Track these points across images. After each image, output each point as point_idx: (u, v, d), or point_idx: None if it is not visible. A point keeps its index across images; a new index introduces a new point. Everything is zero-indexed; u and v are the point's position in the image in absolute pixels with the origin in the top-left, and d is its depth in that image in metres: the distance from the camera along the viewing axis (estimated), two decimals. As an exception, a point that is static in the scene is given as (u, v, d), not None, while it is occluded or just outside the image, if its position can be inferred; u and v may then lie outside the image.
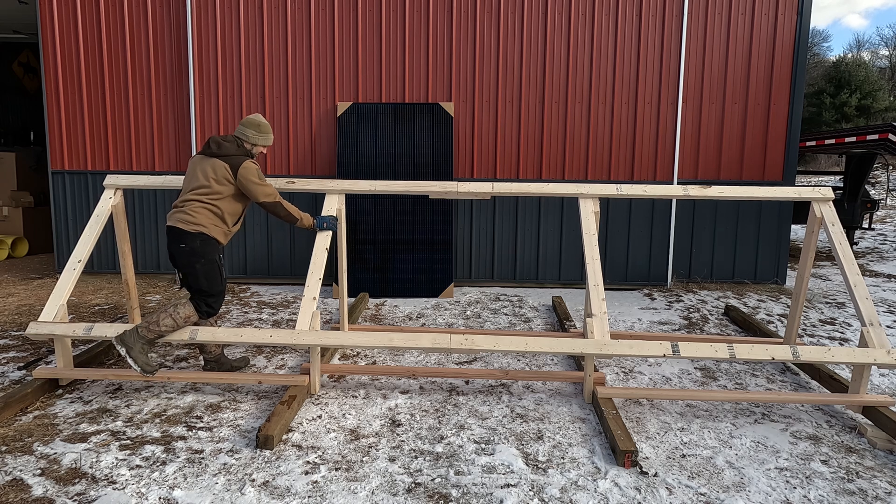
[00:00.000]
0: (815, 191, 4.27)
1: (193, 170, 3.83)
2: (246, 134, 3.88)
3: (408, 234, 6.85)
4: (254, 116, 3.93)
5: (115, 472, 2.89)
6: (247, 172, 3.76)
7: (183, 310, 3.72)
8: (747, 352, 3.65)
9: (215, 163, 3.77)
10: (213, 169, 3.75)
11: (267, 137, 3.96)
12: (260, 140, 3.93)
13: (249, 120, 3.91)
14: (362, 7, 7.08)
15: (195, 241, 3.69)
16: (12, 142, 12.15)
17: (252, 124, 3.91)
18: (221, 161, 3.76)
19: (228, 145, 3.81)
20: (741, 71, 7.14)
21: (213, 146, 3.82)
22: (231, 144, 3.82)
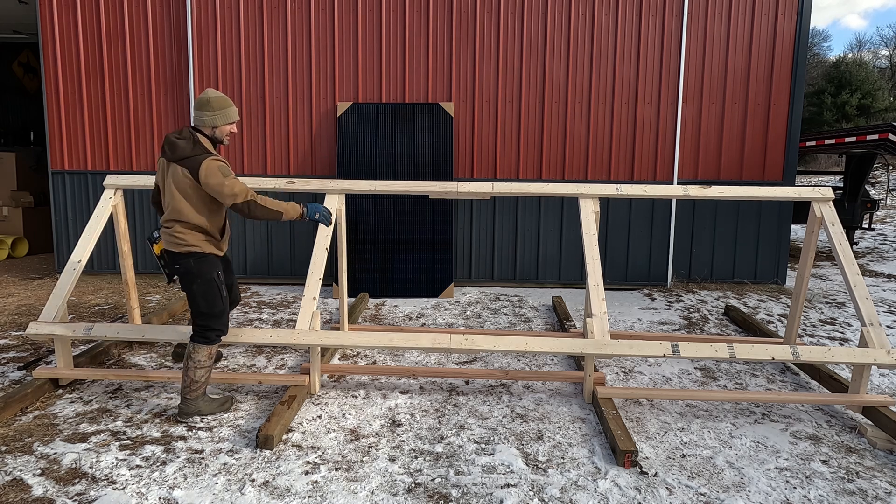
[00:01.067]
0: (815, 191, 4.27)
1: (165, 182, 3.33)
2: (202, 119, 3.28)
3: (408, 234, 6.85)
4: (203, 94, 3.30)
5: (115, 472, 2.89)
6: (207, 175, 3.17)
7: (196, 355, 3.35)
8: (747, 352, 3.64)
9: (175, 170, 3.24)
10: (175, 179, 3.25)
11: (227, 112, 3.31)
12: (219, 118, 3.29)
13: (199, 101, 3.28)
14: (362, 7, 7.08)
15: (189, 261, 3.32)
16: (12, 142, 12.15)
17: (203, 104, 3.27)
18: (180, 167, 3.22)
19: (183, 143, 3.23)
20: (741, 71, 7.14)
21: (167, 150, 3.28)
22: (185, 142, 3.23)
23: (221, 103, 3.29)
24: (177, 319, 5.65)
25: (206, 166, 3.18)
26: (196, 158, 3.20)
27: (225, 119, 3.32)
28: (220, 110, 3.29)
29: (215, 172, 3.19)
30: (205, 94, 3.30)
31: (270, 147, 7.27)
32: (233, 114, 3.34)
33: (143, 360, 4.53)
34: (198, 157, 3.20)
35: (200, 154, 3.21)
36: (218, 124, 3.31)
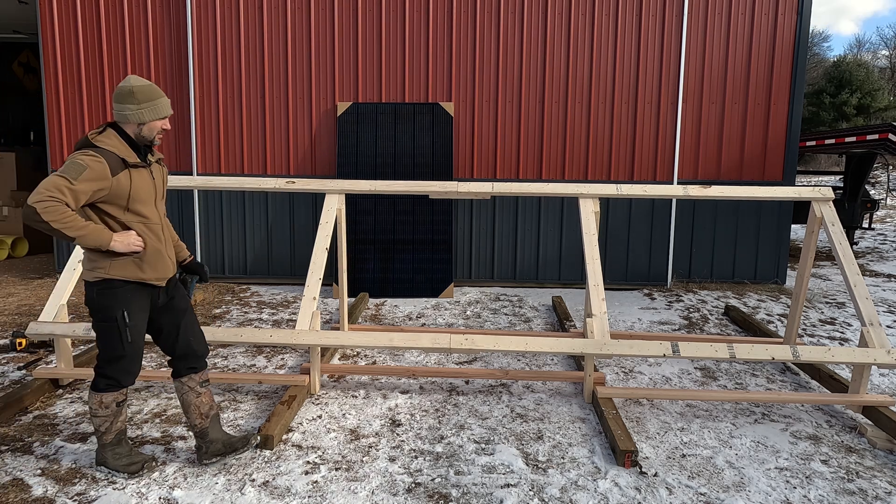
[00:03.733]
0: (815, 191, 4.27)
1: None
2: (123, 114, 2.63)
3: (408, 233, 6.85)
4: (124, 83, 2.63)
5: (115, 472, 2.89)
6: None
7: (90, 400, 2.82)
8: (747, 352, 3.64)
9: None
10: None
11: (157, 105, 2.66)
12: (147, 113, 2.64)
13: (119, 91, 2.62)
14: (362, 7, 7.08)
15: (91, 292, 2.71)
16: (12, 142, 12.14)
17: (124, 96, 2.61)
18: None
19: (78, 144, 2.64)
20: (741, 71, 7.14)
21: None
22: (81, 142, 2.62)
23: (149, 93, 2.64)
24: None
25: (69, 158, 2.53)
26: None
27: (155, 113, 2.66)
28: (148, 102, 2.63)
29: (65, 165, 2.50)
30: (126, 83, 2.62)
31: (270, 147, 7.27)
32: (164, 106, 2.69)
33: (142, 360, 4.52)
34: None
35: (79, 148, 2.59)
36: (146, 120, 2.64)
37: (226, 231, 7.41)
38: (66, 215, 2.44)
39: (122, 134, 2.66)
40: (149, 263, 2.72)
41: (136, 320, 2.72)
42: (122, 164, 2.60)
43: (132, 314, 2.70)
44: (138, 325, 2.74)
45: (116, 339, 2.70)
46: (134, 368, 2.79)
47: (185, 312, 2.94)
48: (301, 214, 7.35)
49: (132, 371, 2.79)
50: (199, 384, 2.95)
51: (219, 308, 6.14)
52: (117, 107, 2.64)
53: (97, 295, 2.68)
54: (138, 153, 2.70)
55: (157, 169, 2.83)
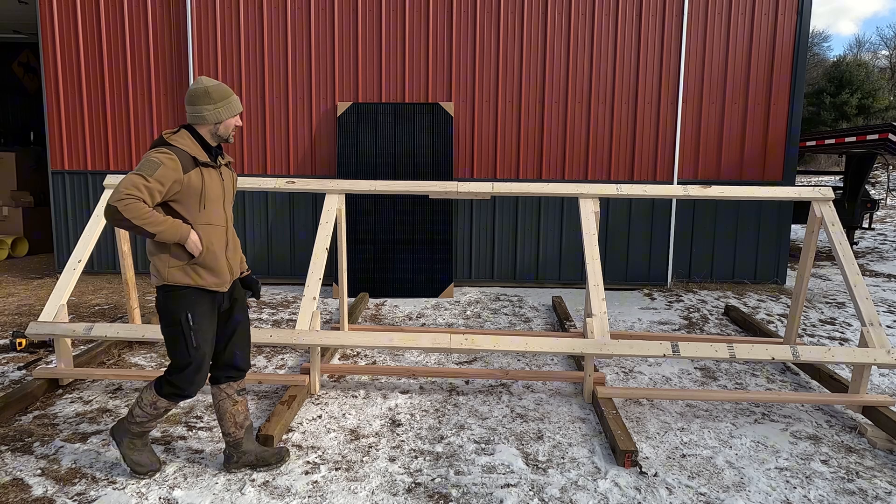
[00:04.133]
0: (815, 191, 4.27)
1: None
2: (201, 114, 2.66)
3: (408, 233, 6.85)
4: (197, 85, 2.69)
5: (115, 472, 2.89)
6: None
7: (145, 394, 2.78)
8: (747, 352, 3.64)
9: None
10: None
11: (231, 103, 2.71)
12: (224, 111, 2.68)
13: (194, 92, 2.67)
14: (362, 7, 7.08)
15: (158, 296, 2.73)
16: (12, 142, 12.15)
17: (200, 97, 2.65)
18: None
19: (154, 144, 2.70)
20: (741, 71, 7.14)
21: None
22: (156, 141, 2.69)
23: (223, 92, 2.69)
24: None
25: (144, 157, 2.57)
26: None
27: (230, 111, 2.71)
28: (223, 101, 2.68)
29: (140, 165, 2.54)
30: (200, 84, 2.67)
31: (270, 147, 7.27)
32: (237, 103, 2.75)
33: (143, 360, 4.53)
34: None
35: (154, 147, 2.62)
36: (223, 118, 2.69)
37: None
38: (145, 212, 2.47)
39: (194, 135, 2.70)
40: (206, 267, 2.67)
41: (200, 325, 2.67)
42: (194, 163, 2.62)
43: (196, 317, 2.65)
44: (204, 329, 2.68)
45: (182, 344, 2.66)
46: (199, 378, 2.72)
47: (239, 324, 2.89)
48: (301, 214, 7.35)
49: (197, 381, 2.72)
50: (236, 392, 2.89)
51: (219, 308, 6.14)
52: (192, 109, 2.67)
53: (163, 298, 2.68)
54: (209, 154, 2.73)
55: (227, 172, 2.85)
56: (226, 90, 2.71)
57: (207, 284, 2.68)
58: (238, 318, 2.89)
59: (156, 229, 2.50)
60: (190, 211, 2.64)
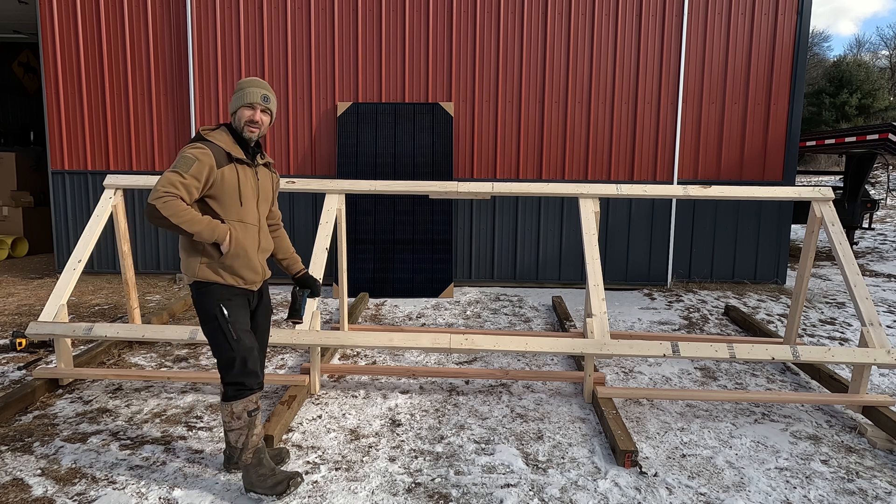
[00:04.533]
0: (815, 191, 4.27)
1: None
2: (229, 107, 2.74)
3: (408, 234, 6.85)
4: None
5: (114, 472, 2.89)
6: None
7: (221, 413, 2.84)
8: (747, 352, 3.64)
9: None
10: None
11: (242, 92, 2.67)
12: (234, 101, 2.68)
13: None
14: (362, 7, 7.08)
15: (192, 294, 2.72)
16: (12, 142, 12.15)
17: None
18: None
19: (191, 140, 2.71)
20: (741, 71, 7.14)
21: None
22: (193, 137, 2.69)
23: (241, 83, 2.70)
24: (177, 319, 5.65)
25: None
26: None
27: (238, 101, 2.65)
28: (237, 91, 2.68)
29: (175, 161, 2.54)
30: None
31: (270, 147, 7.27)
32: (248, 94, 2.65)
33: (143, 360, 4.53)
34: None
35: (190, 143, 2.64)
36: (233, 109, 2.68)
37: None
38: (182, 209, 2.45)
39: (233, 132, 2.69)
40: (236, 265, 2.63)
41: (236, 316, 2.64)
42: (228, 158, 2.60)
43: (231, 310, 2.63)
44: (240, 321, 2.65)
45: (223, 339, 2.62)
46: (252, 367, 2.65)
47: (258, 329, 2.84)
48: (301, 214, 7.35)
49: (251, 371, 2.65)
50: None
51: (219, 308, 6.14)
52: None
53: (196, 294, 2.66)
54: (246, 152, 2.70)
55: (264, 172, 2.81)
56: (246, 80, 2.70)
57: (236, 283, 2.67)
58: (259, 322, 2.85)
59: (193, 228, 2.48)
60: (224, 207, 2.61)
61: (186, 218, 2.46)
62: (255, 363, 2.67)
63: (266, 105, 2.70)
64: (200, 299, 2.64)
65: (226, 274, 2.63)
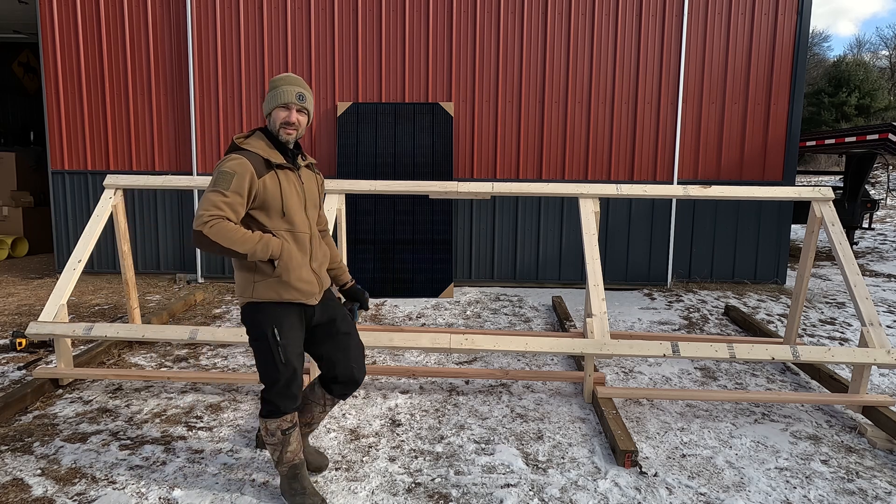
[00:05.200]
0: (815, 191, 4.27)
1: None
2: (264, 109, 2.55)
3: (408, 234, 6.85)
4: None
5: (114, 472, 2.89)
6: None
7: (260, 428, 2.73)
8: (747, 352, 3.64)
9: None
10: None
11: (275, 92, 2.47)
12: (268, 102, 2.50)
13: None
14: (362, 7, 7.08)
15: (243, 312, 2.57)
16: (12, 142, 12.16)
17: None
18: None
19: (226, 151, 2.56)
20: (741, 71, 7.14)
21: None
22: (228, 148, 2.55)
23: (275, 82, 2.49)
24: (177, 319, 5.65)
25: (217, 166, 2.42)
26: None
27: (273, 101, 2.47)
28: (271, 91, 2.49)
29: (216, 173, 2.38)
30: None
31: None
32: (282, 93, 2.45)
33: (143, 360, 4.53)
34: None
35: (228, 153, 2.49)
36: (267, 110, 2.50)
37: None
38: (230, 230, 2.30)
39: (269, 136, 2.52)
40: (289, 279, 2.46)
41: (287, 338, 2.48)
42: (267, 166, 2.43)
43: (283, 332, 2.47)
44: (291, 344, 2.50)
45: (270, 359, 2.48)
46: (292, 392, 2.54)
47: (348, 336, 2.69)
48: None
49: (290, 395, 2.53)
50: (333, 405, 2.80)
51: (219, 308, 6.14)
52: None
53: (249, 313, 2.52)
54: (285, 156, 2.52)
55: (308, 174, 2.64)
56: (280, 78, 2.48)
57: (293, 298, 2.49)
58: (345, 330, 2.68)
59: (245, 248, 2.33)
60: (271, 218, 2.44)
61: (237, 238, 2.31)
62: (297, 387, 2.56)
63: (302, 104, 2.48)
64: (253, 317, 2.50)
65: (282, 290, 2.46)
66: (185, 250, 7.50)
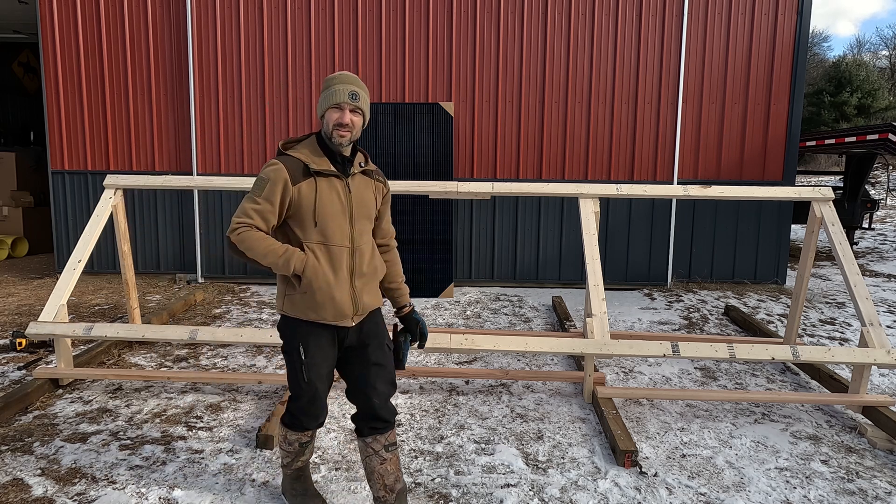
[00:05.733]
0: (815, 191, 4.27)
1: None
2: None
3: (408, 233, 6.85)
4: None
5: (115, 472, 2.89)
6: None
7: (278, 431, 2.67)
8: (747, 352, 3.64)
9: None
10: None
11: (328, 92, 2.28)
12: (321, 103, 2.31)
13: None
14: (362, 7, 7.08)
15: (278, 323, 2.47)
16: (12, 142, 12.16)
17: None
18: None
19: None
20: (741, 71, 7.14)
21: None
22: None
23: (328, 81, 2.31)
24: (177, 319, 5.65)
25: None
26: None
27: (325, 102, 2.28)
28: (324, 91, 2.31)
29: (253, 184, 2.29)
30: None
31: (270, 147, 7.27)
32: (335, 93, 2.26)
33: (143, 360, 4.53)
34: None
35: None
36: (320, 112, 2.32)
37: (226, 231, 7.40)
38: (255, 239, 2.20)
39: (320, 140, 2.35)
40: (317, 297, 2.26)
41: (313, 359, 2.33)
42: (305, 172, 2.26)
43: (308, 351, 2.32)
44: (316, 365, 2.33)
45: (294, 375, 2.37)
46: (313, 411, 2.41)
47: (379, 369, 2.40)
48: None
49: (311, 414, 2.42)
50: (383, 447, 2.41)
51: (219, 308, 6.14)
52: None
53: (281, 324, 2.41)
54: (334, 162, 2.31)
55: (363, 182, 2.38)
56: (332, 77, 2.30)
57: (318, 319, 2.29)
58: (375, 360, 2.39)
59: (267, 261, 2.21)
60: (304, 229, 2.27)
61: (260, 249, 2.20)
62: (319, 408, 2.42)
63: (355, 103, 2.27)
64: (284, 330, 2.40)
65: (308, 309, 2.28)
66: (185, 250, 7.50)
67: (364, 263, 2.35)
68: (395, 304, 2.57)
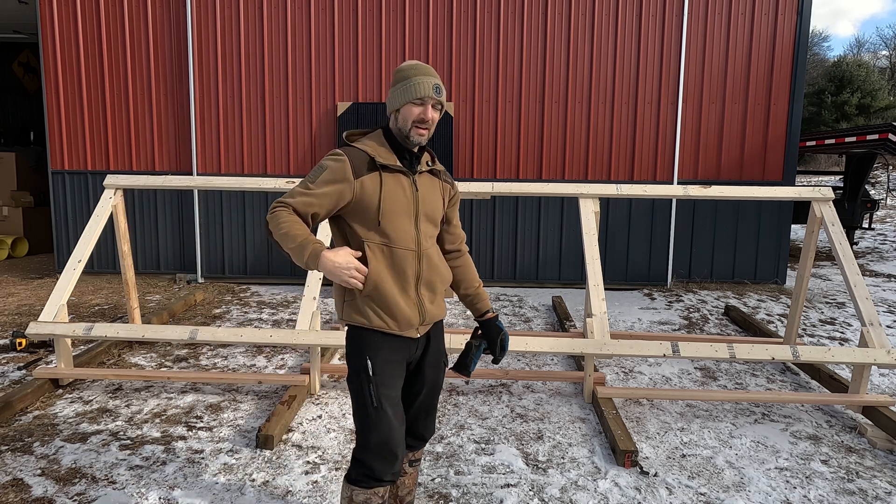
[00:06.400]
0: (815, 191, 4.27)
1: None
2: (388, 102, 2.12)
3: (408, 234, 6.85)
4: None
5: (115, 472, 2.89)
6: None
7: (342, 492, 2.09)
8: (747, 352, 3.64)
9: None
10: None
11: (406, 85, 2.01)
12: (395, 98, 2.05)
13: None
14: (362, 7, 7.08)
15: (346, 343, 2.15)
16: (12, 142, 12.16)
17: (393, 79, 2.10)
18: None
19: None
20: (741, 71, 7.14)
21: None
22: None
23: (405, 72, 2.05)
24: (177, 319, 5.65)
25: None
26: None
27: (402, 97, 2.02)
28: (400, 83, 2.04)
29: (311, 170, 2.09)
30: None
31: (270, 147, 7.27)
32: (415, 86, 2.00)
33: (143, 360, 4.53)
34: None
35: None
36: (395, 106, 2.05)
37: (226, 231, 7.42)
38: (281, 221, 1.93)
39: (388, 136, 2.11)
40: (378, 302, 2.01)
41: (382, 374, 2.02)
42: (371, 165, 2.02)
43: (378, 365, 2.01)
44: (387, 382, 2.02)
45: (362, 402, 2.01)
46: (386, 451, 1.99)
47: (427, 384, 2.18)
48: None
49: (384, 454, 1.99)
50: (409, 462, 2.31)
51: (219, 308, 6.14)
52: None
53: (348, 339, 2.11)
54: (401, 158, 2.09)
55: (430, 181, 2.15)
56: (410, 69, 2.04)
57: (382, 327, 2.03)
58: (429, 377, 2.19)
59: (287, 247, 1.93)
60: (366, 227, 2.02)
61: (281, 232, 1.92)
62: (397, 444, 2.01)
63: (439, 98, 2.04)
64: (350, 346, 2.09)
65: (371, 315, 2.02)
66: (185, 250, 7.51)
67: (431, 269, 2.12)
68: (475, 310, 2.33)
